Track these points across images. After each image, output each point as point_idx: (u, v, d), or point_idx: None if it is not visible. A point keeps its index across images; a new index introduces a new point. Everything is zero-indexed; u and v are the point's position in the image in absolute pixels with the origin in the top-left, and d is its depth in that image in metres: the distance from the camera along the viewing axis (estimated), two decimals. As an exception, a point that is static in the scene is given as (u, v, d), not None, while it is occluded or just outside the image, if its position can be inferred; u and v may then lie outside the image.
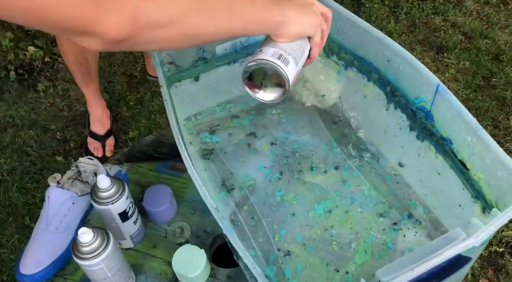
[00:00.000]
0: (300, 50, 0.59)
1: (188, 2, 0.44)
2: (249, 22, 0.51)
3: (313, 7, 0.58)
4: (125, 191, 0.70)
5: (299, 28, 0.57)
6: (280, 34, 0.56)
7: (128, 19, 0.38)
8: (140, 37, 0.41)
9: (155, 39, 0.42)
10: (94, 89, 1.54)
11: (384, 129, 0.80)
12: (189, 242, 0.79)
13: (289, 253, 0.72)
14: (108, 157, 1.59)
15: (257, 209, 0.77)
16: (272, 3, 0.53)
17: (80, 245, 0.61)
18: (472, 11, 2.06)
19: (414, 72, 0.69)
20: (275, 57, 0.56)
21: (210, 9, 0.46)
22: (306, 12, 0.57)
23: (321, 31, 0.60)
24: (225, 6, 0.48)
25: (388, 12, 2.07)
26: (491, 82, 1.78)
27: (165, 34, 0.43)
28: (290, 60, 0.57)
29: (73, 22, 0.37)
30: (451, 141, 0.65)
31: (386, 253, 0.70)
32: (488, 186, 0.59)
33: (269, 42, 0.57)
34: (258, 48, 0.58)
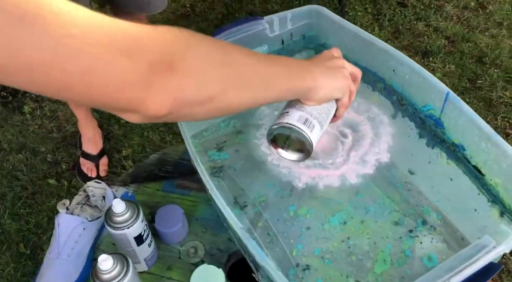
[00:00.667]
0: (327, 112, 0.59)
1: (227, 79, 0.45)
2: (283, 91, 0.53)
3: (343, 70, 0.58)
4: (140, 213, 0.68)
5: (328, 93, 0.57)
6: (309, 98, 0.57)
7: (170, 99, 0.40)
8: (178, 113, 0.42)
9: (192, 114, 0.44)
10: (85, 109, 1.52)
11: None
12: (203, 261, 0.78)
13: (308, 267, 0.71)
14: (103, 177, 1.56)
15: (272, 224, 0.77)
16: (304, 70, 0.54)
17: (100, 272, 0.60)
18: (453, 16, 2.12)
19: (421, 81, 0.70)
20: (301, 122, 0.56)
21: (247, 84, 0.48)
22: (335, 76, 0.57)
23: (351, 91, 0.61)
24: (261, 79, 0.49)
25: (372, 19, 2.11)
26: (476, 84, 1.82)
27: (203, 110, 0.44)
28: (316, 124, 0.57)
29: (118, 103, 0.39)
30: (463, 147, 0.66)
31: (404, 261, 0.71)
32: (506, 191, 0.60)
33: (296, 104, 0.58)
34: (284, 108, 0.59)
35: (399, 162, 0.82)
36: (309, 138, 0.56)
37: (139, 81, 0.38)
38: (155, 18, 2.10)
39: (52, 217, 1.49)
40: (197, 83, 0.42)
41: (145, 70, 0.38)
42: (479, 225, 0.66)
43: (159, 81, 0.39)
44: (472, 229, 0.67)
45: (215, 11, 2.20)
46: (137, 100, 0.39)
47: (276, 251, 0.74)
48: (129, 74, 0.37)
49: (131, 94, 0.38)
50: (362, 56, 0.81)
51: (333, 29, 0.83)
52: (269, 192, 0.82)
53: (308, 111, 0.57)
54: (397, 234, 0.74)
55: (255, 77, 0.48)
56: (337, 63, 0.58)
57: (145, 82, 0.38)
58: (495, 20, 2.08)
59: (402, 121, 0.77)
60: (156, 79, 0.39)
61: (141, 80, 0.38)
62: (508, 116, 1.71)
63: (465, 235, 0.69)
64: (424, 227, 0.74)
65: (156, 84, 0.39)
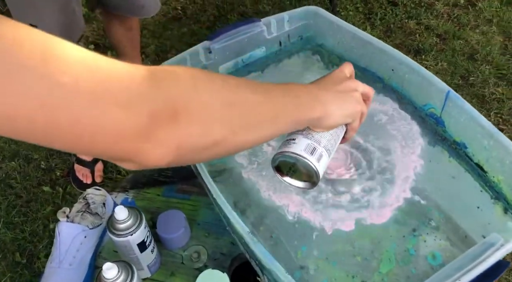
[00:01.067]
0: (336, 138, 0.56)
1: (234, 121, 0.42)
2: (292, 124, 0.50)
3: (355, 94, 0.54)
4: (143, 220, 0.68)
5: (338, 120, 0.54)
6: (318, 126, 0.53)
7: (173, 149, 0.38)
8: (182, 160, 0.40)
9: (196, 159, 0.43)
10: None
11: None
12: (207, 266, 0.77)
13: (313, 269, 0.71)
14: (98, 183, 1.55)
15: (274, 228, 0.77)
16: (314, 98, 0.50)
17: (105, 281, 0.59)
18: (443, 14, 2.14)
19: (421, 80, 0.71)
20: (308, 151, 0.53)
21: (255, 124, 0.45)
22: (347, 102, 0.53)
23: (362, 113, 0.57)
24: (269, 116, 0.46)
25: (364, 18, 2.12)
26: (469, 81, 1.84)
27: (207, 154, 0.42)
28: (324, 154, 0.54)
29: (113, 154, 0.36)
30: (465, 145, 0.66)
31: (409, 260, 0.71)
32: (509, 187, 0.60)
33: (303, 131, 0.54)
34: (290, 134, 0.55)
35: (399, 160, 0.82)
36: (316, 169, 0.53)
37: (137, 133, 0.35)
38: (146, 21, 2.09)
39: (48, 225, 1.47)
40: (201, 130, 0.39)
41: (145, 122, 0.35)
42: (483, 222, 0.67)
43: (160, 132, 0.36)
44: (475, 226, 0.67)
45: (206, 13, 2.19)
46: (135, 151, 0.36)
47: (280, 253, 0.74)
48: (125, 126, 0.34)
49: (127, 145, 0.35)
50: (361, 56, 0.81)
51: (331, 30, 0.83)
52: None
53: (316, 139, 0.53)
54: (400, 233, 0.74)
55: (263, 116, 0.45)
56: (349, 86, 0.54)
57: (144, 134, 0.35)
58: (485, 17, 2.10)
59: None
60: (157, 130, 0.36)
61: (139, 132, 0.35)
62: (501, 112, 1.73)
63: (469, 232, 0.69)
64: (427, 226, 0.74)
65: (157, 135, 0.36)
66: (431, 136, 0.73)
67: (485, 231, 0.64)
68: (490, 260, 0.46)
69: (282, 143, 0.56)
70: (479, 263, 0.46)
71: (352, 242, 0.74)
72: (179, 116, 0.37)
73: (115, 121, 0.34)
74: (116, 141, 0.35)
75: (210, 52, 0.78)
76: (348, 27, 0.79)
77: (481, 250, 0.48)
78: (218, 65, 0.82)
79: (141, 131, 0.35)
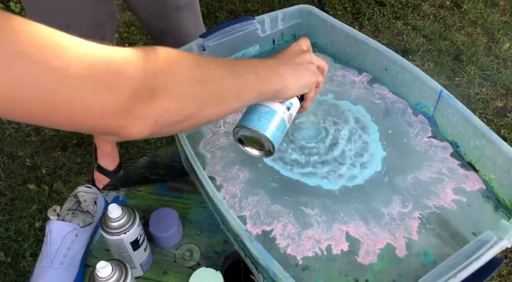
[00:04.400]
0: (292, 108, 0.61)
1: (204, 97, 0.47)
2: (254, 97, 0.54)
3: (311, 66, 0.59)
4: (136, 218, 0.67)
5: (296, 91, 0.59)
6: (277, 98, 0.59)
7: (151, 123, 0.42)
8: (158, 133, 0.44)
9: (171, 131, 0.46)
10: None
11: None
12: (199, 264, 0.77)
13: (307, 267, 0.71)
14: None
15: (268, 225, 0.77)
16: (272, 72, 0.55)
17: (98, 280, 0.58)
18: (429, 15, 2.17)
19: (414, 79, 0.71)
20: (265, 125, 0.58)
21: (222, 99, 0.49)
22: (303, 74, 0.58)
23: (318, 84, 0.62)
24: (234, 92, 0.51)
25: (352, 18, 2.13)
26: (454, 81, 1.87)
27: (180, 127, 0.46)
28: (280, 123, 0.60)
29: (100, 129, 0.41)
30: (457, 144, 0.67)
31: (401, 258, 0.71)
32: (501, 186, 0.61)
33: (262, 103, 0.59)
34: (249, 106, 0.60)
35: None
36: (272, 141, 0.59)
37: (120, 111, 0.39)
38: (134, 17, 2.07)
39: (33, 223, 1.45)
40: (176, 106, 0.43)
41: (126, 100, 0.39)
42: (473, 219, 0.68)
43: (139, 108, 0.40)
44: (466, 224, 0.69)
45: (195, 10, 2.17)
46: (119, 127, 0.40)
47: (274, 252, 0.74)
48: (110, 105, 0.38)
49: (112, 122, 0.40)
50: (354, 55, 0.81)
51: (324, 29, 0.84)
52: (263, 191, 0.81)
53: (273, 110, 0.59)
54: (393, 231, 0.75)
55: (228, 92, 0.50)
56: (305, 59, 0.59)
57: (125, 111, 0.40)
58: (470, 19, 2.13)
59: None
60: (137, 107, 0.40)
61: (122, 110, 0.39)
62: (485, 112, 1.76)
63: (459, 229, 0.70)
64: (419, 223, 0.75)
65: (137, 111, 0.40)
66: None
67: (475, 229, 0.65)
68: (485, 257, 0.47)
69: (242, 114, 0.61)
70: (474, 260, 0.47)
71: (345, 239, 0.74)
72: (156, 94, 0.41)
73: (101, 101, 0.38)
74: (103, 118, 0.39)
75: (204, 49, 0.78)
76: (341, 26, 0.80)
77: (475, 247, 0.49)
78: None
79: (122, 109, 0.39)
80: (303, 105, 0.64)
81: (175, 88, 0.43)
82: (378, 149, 0.73)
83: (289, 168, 0.73)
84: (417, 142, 0.72)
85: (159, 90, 0.41)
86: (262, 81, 0.54)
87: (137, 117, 0.40)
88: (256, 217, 0.69)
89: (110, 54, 0.39)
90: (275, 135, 0.60)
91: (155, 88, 0.41)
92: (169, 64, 0.44)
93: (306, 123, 0.78)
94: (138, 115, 0.40)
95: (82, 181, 1.55)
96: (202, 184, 0.61)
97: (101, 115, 0.39)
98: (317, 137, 0.75)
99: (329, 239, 0.67)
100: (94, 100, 0.37)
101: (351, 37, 0.79)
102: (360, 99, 0.80)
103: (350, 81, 0.83)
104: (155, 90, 0.41)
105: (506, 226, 0.51)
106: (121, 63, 0.39)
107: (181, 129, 0.47)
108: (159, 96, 0.41)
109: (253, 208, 0.69)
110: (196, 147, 0.76)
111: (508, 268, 1.35)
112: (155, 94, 0.41)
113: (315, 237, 0.73)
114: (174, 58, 0.45)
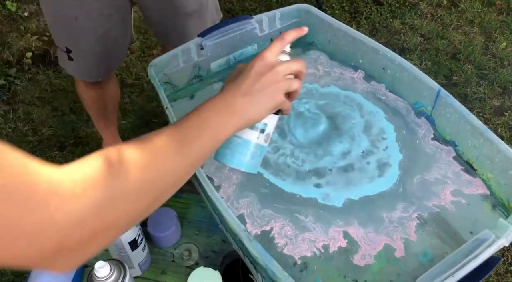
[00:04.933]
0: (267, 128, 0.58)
1: (156, 193, 0.42)
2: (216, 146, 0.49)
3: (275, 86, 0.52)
4: (134, 218, 0.67)
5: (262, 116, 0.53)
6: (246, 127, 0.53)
7: (74, 266, 0.37)
8: (90, 253, 0.38)
9: (107, 241, 0.40)
10: (113, 131, 1.46)
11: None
12: (198, 264, 0.77)
13: (305, 267, 0.71)
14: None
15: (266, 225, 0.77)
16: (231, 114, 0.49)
17: (97, 279, 0.58)
18: (427, 14, 2.17)
19: (412, 78, 0.71)
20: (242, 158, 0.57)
21: (179, 178, 0.45)
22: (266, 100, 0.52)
23: (292, 92, 0.55)
24: (192, 160, 0.46)
25: (349, 17, 2.13)
26: (452, 80, 1.87)
27: (112, 234, 0.40)
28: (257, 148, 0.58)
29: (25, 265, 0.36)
30: (455, 143, 0.68)
31: (400, 258, 0.72)
32: (498, 185, 0.61)
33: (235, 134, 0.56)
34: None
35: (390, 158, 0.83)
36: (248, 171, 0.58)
37: (42, 258, 0.35)
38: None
39: (31, 223, 1.44)
40: (108, 241, 0.39)
41: (50, 251, 0.35)
42: (471, 218, 0.68)
43: (64, 259, 0.36)
44: (464, 223, 0.69)
45: (192, 9, 2.17)
46: (41, 268, 0.37)
47: (273, 251, 0.74)
48: (30, 252, 0.34)
49: (33, 264, 0.36)
50: (352, 55, 0.81)
51: (322, 28, 0.84)
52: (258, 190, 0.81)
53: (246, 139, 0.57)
54: (391, 231, 0.75)
55: (186, 167, 0.45)
56: (267, 81, 0.52)
57: (48, 260, 0.35)
58: (467, 18, 2.14)
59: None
60: (60, 258, 0.36)
61: (44, 258, 0.35)
62: (482, 111, 1.76)
63: (457, 229, 0.70)
64: (418, 223, 0.75)
65: (61, 262, 0.36)
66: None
67: (473, 227, 0.65)
68: (482, 256, 0.47)
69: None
70: (472, 259, 0.47)
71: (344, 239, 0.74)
72: (84, 243, 0.36)
73: (21, 251, 0.33)
74: (28, 262, 0.35)
75: (202, 48, 0.78)
76: (339, 25, 0.80)
77: (473, 246, 0.49)
78: (210, 62, 0.82)
79: (45, 258, 0.35)
80: (283, 112, 0.58)
81: (112, 227, 0.38)
82: (396, 152, 0.71)
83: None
84: (426, 143, 0.71)
85: (88, 239, 0.36)
86: (219, 131, 0.48)
87: (60, 265, 0.36)
88: (253, 216, 0.69)
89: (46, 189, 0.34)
90: (251, 165, 0.58)
91: (82, 236, 0.36)
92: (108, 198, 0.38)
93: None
94: (61, 264, 0.36)
95: (79, 181, 1.54)
96: (201, 184, 0.61)
97: (25, 260, 0.34)
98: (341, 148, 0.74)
99: (327, 239, 0.67)
100: (13, 248, 0.33)
101: (348, 36, 0.79)
102: (367, 93, 0.79)
103: (349, 77, 0.83)
104: (82, 239, 0.36)
105: (504, 224, 0.51)
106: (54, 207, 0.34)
107: (116, 236, 0.41)
108: (86, 245, 0.37)
109: (247, 208, 0.69)
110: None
111: (505, 267, 1.36)
112: (82, 244, 0.36)
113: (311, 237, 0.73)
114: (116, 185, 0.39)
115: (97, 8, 1.00)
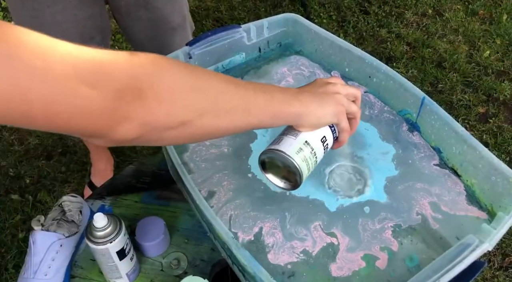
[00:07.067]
0: (324, 140, 0.57)
1: (202, 104, 0.45)
2: (267, 117, 0.51)
3: (336, 96, 0.55)
4: (122, 227, 0.67)
5: (320, 118, 0.55)
6: (300, 125, 0.55)
7: (137, 125, 0.40)
8: (147, 138, 0.42)
9: (162, 139, 0.44)
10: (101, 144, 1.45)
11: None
12: (187, 272, 0.77)
13: (293, 274, 0.71)
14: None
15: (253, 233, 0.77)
16: (291, 96, 0.52)
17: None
18: (412, 23, 2.21)
19: (397, 86, 0.73)
20: (293, 150, 0.54)
21: (224, 110, 0.47)
22: (327, 102, 0.55)
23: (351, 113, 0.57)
24: (240, 105, 0.48)
25: (337, 26, 2.16)
26: (438, 88, 1.90)
27: (174, 134, 0.44)
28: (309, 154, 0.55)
29: (85, 130, 0.39)
30: (439, 150, 0.69)
31: (387, 262, 0.72)
32: (482, 190, 0.62)
33: (291, 131, 0.56)
34: (281, 133, 0.57)
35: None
36: (299, 168, 0.54)
37: (105, 110, 0.38)
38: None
39: (16, 235, 1.42)
40: (166, 109, 0.42)
41: (111, 99, 0.38)
42: (457, 224, 0.69)
43: (125, 108, 0.39)
44: (449, 228, 0.70)
45: (181, 18, 2.18)
46: (104, 128, 0.39)
47: (260, 259, 0.74)
48: (93, 104, 0.37)
49: (97, 122, 0.38)
50: (338, 63, 0.83)
51: (309, 37, 0.85)
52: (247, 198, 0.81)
53: (301, 138, 0.55)
54: (378, 236, 0.76)
55: (232, 103, 0.47)
56: (330, 89, 0.56)
57: (111, 111, 0.38)
58: (452, 27, 2.18)
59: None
60: (122, 106, 0.39)
61: (106, 109, 0.38)
62: (468, 118, 1.79)
63: (443, 234, 0.71)
64: (404, 229, 0.76)
65: (122, 111, 0.39)
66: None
67: (459, 233, 0.66)
68: (467, 261, 0.48)
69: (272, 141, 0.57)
70: (457, 264, 0.48)
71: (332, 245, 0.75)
72: (143, 95, 0.40)
73: (85, 99, 0.37)
74: (87, 118, 0.38)
75: (190, 57, 0.78)
76: (326, 34, 0.81)
77: (458, 251, 0.50)
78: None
79: (108, 107, 0.38)
80: (339, 139, 0.59)
81: (164, 91, 0.42)
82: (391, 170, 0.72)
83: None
84: (423, 165, 0.71)
85: (145, 91, 0.40)
86: (277, 103, 0.51)
87: (122, 117, 0.39)
88: (240, 223, 0.69)
89: (94, 55, 0.38)
90: (303, 166, 0.55)
91: (141, 88, 0.40)
92: (158, 68, 0.42)
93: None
94: (123, 115, 0.39)
95: (67, 190, 1.53)
96: (189, 192, 0.61)
97: (85, 113, 0.37)
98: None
99: (315, 245, 0.68)
100: (76, 99, 0.36)
101: (335, 45, 0.80)
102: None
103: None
104: (141, 90, 0.40)
105: (487, 229, 0.52)
106: (106, 64, 0.38)
107: (175, 137, 0.45)
108: (145, 97, 0.40)
109: (237, 214, 0.69)
110: (183, 155, 0.76)
111: (491, 272, 1.37)
112: (141, 95, 0.40)
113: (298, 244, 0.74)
114: (167, 62, 0.44)
115: (78, 31, 1.00)
